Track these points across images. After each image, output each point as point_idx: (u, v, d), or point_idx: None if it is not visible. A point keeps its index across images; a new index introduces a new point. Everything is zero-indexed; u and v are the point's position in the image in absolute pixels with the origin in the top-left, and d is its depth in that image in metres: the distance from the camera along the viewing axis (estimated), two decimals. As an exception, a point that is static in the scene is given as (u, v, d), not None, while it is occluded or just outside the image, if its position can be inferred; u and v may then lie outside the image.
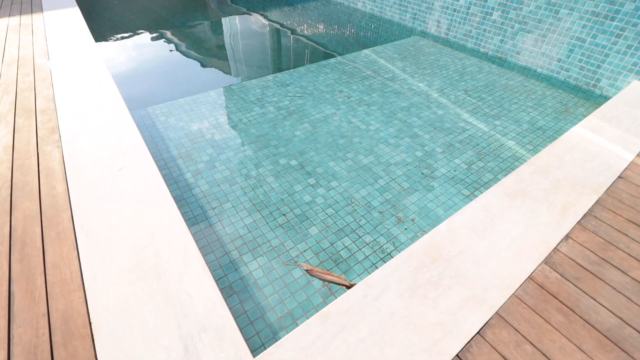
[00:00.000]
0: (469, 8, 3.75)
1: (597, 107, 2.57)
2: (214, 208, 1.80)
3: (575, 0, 2.94)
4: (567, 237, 1.44)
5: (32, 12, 3.87)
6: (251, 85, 3.01)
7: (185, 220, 1.39)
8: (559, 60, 3.20)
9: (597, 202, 1.62)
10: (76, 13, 3.80)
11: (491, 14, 3.57)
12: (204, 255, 1.31)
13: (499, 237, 1.41)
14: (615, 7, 2.74)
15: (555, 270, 1.30)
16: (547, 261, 1.33)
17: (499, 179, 2.02)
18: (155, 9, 5.38)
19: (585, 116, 2.57)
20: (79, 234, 1.33)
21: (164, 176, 1.64)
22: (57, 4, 4.15)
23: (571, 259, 1.35)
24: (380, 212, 1.81)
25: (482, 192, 1.87)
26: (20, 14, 3.81)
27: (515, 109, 2.77)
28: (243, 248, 1.60)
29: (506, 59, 3.61)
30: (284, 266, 1.53)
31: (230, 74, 3.53)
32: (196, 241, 1.31)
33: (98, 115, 2.02)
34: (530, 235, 1.43)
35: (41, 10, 3.93)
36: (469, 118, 2.63)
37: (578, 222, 1.51)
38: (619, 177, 1.77)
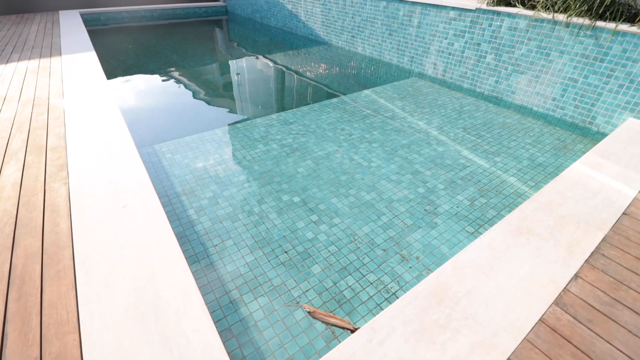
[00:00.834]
0: (463, 52, 3.95)
1: (595, 144, 2.62)
2: (216, 245, 1.78)
3: (564, 44, 3.10)
4: (576, 276, 1.40)
5: (51, 56, 4.11)
6: (256, 123, 3.11)
7: (186, 258, 1.38)
8: (554, 99, 3.31)
9: (603, 240, 1.59)
10: (92, 56, 4.03)
11: (485, 57, 3.75)
12: (203, 295, 1.28)
13: (506, 277, 1.38)
14: (604, 50, 2.88)
15: (566, 312, 1.26)
16: (557, 302, 1.29)
17: (503, 216, 2.01)
18: (167, 53, 5.71)
19: (584, 153, 2.61)
20: (78, 272, 1.32)
21: (167, 213, 1.65)
22: (75, 48, 4.42)
23: (582, 299, 1.31)
24: (384, 250, 1.78)
25: (486, 229, 1.86)
26: (40, 57, 4.05)
27: (514, 145, 2.82)
28: (244, 287, 1.57)
29: (502, 98, 3.74)
30: (285, 307, 1.49)
31: (236, 113, 3.65)
32: (196, 280, 1.29)
33: (107, 152, 2.07)
34: (538, 274, 1.40)
35: (60, 54, 4.18)
36: (469, 155, 2.67)
37: (586, 260, 1.48)
38: (623, 213, 1.76)
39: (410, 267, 1.69)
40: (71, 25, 6.00)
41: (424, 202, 2.14)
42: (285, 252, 1.75)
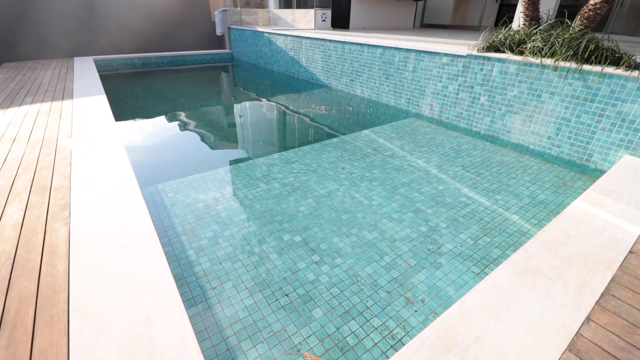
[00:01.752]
0: (457, 94, 4.12)
1: (594, 181, 2.64)
2: (214, 288, 1.73)
3: (554, 86, 3.24)
4: (588, 319, 1.35)
5: (63, 99, 4.29)
6: (258, 162, 3.17)
7: (183, 302, 1.34)
8: (549, 138, 3.40)
9: (612, 280, 1.55)
10: (102, 99, 4.21)
11: (479, 99, 3.91)
12: (200, 342, 1.22)
13: (515, 321, 1.32)
14: (592, 91, 3.01)
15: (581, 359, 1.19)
16: (571, 348, 1.23)
17: (508, 255, 1.97)
18: (174, 96, 5.96)
19: (584, 190, 2.62)
20: (72, 317, 1.27)
21: (166, 254, 1.63)
22: (86, 91, 4.63)
23: (597, 345, 1.25)
24: (388, 292, 1.73)
25: (492, 270, 1.82)
26: (52, 100, 4.23)
27: (514, 183, 2.85)
28: (242, 333, 1.50)
29: (498, 137, 3.83)
30: (286, 355, 1.41)
31: (239, 153, 3.73)
32: (193, 326, 1.24)
33: (110, 192, 2.09)
34: (548, 318, 1.34)
35: (72, 97, 4.37)
36: (470, 193, 2.68)
37: (597, 302, 1.43)
38: (630, 252, 1.73)
39: (416, 311, 1.63)
40: (84, 70, 6.33)
41: (427, 241, 2.11)
42: (286, 294, 1.70)
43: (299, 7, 9.91)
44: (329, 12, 8.58)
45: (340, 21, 8.98)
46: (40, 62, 7.38)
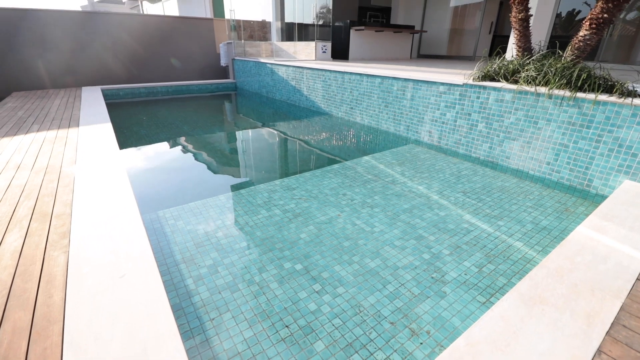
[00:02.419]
0: (455, 121, 4.20)
1: (595, 206, 2.63)
2: (213, 319, 1.69)
3: (550, 113, 3.31)
4: (599, 351, 1.30)
5: (69, 127, 4.38)
6: (259, 189, 3.18)
7: (180, 335, 1.30)
8: (548, 163, 3.42)
9: (622, 309, 1.51)
10: (108, 127, 4.29)
11: (476, 126, 3.98)
12: (197, 378, 1.17)
13: (525, 354, 1.27)
14: (588, 118, 3.06)
15: (598, 397, 1.13)
16: (585, 384, 1.17)
17: (514, 283, 1.93)
18: (178, 124, 6.09)
19: (586, 215, 2.60)
20: (66, 350, 1.23)
21: (164, 282, 1.60)
22: (92, 120, 4.73)
23: (613, 381, 1.19)
24: (392, 323, 1.68)
25: (498, 299, 1.78)
26: (59, 128, 4.32)
27: (516, 209, 2.83)
28: (241, 367, 1.44)
29: (497, 162, 3.86)
30: (286, 391, 1.35)
31: (241, 179, 3.76)
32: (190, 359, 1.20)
33: (110, 219, 2.09)
34: (558, 350, 1.29)
35: (78, 125, 4.46)
36: (472, 219, 2.67)
37: (607, 333, 1.38)
38: (637, 279, 1.69)
39: (421, 343, 1.57)
40: (92, 99, 6.52)
41: (430, 269, 2.08)
42: (287, 326, 1.65)
43: (300, 39, 10.35)
44: (329, 44, 8.95)
45: (340, 52, 9.34)
46: (49, 92, 7.61)
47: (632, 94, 2.91)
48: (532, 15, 4.15)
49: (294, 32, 10.51)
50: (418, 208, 2.82)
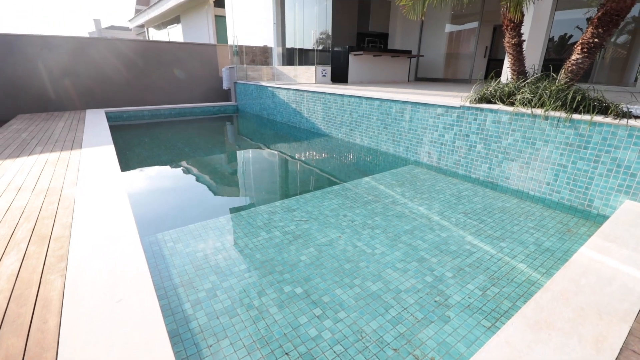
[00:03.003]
0: (454, 142, 4.25)
1: (597, 227, 2.61)
2: (210, 346, 1.64)
3: (547, 134, 3.35)
4: (612, 381, 1.25)
5: (72, 149, 4.43)
6: (259, 210, 3.17)
7: (178, 362, 1.26)
8: (548, 184, 3.43)
9: (630, 333, 1.47)
10: (110, 149, 4.33)
11: (475, 147, 4.02)
12: (193, 409, 1.13)
13: (533, 382, 1.23)
14: (585, 138, 3.10)
15: None
16: (598, 415, 1.12)
17: (519, 307, 1.89)
18: (180, 145, 6.16)
19: (589, 236, 2.58)
20: (57, 380, 1.19)
21: (162, 307, 1.57)
22: (95, 142, 4.79)
23: (626, 412, 1.14)
24: (395, 350, 1.63)
25: (503, 323, 1.73)
26: (61, 150, 4.36)
27: (518, 230, 2.82)
28: (239, 397, 1.39)
29: (497, 183, 3.87)
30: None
31: (241, 201, 3.76)
32: (187, 390, 1.16)
33: (109, 242, 2.07)
34: (568, 379, 1.25)
35: (80, 147, 4.51)
36: (474, 240, 2.64)
37: (616, 359, 1.34)
38: (646, 304, 1.65)
39: (425, 370, 1.52)
40: (95, 121, 6.62)
41: (433, 292, 2.04)
42: (286, 353, 1.60)
43: (300, 63, 10.65)
44: (328, 68, 9.19)
45: (340, 76, 9.58)
46: (53, 114, 7.74)
47: (627, 115, 2.96)
48: (524, 40, 4.29)
49: (295, 56, 10.83)
50: (419, 229, 2.81)
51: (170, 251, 2.45)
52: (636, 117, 2.95)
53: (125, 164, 4.71)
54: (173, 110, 9.34)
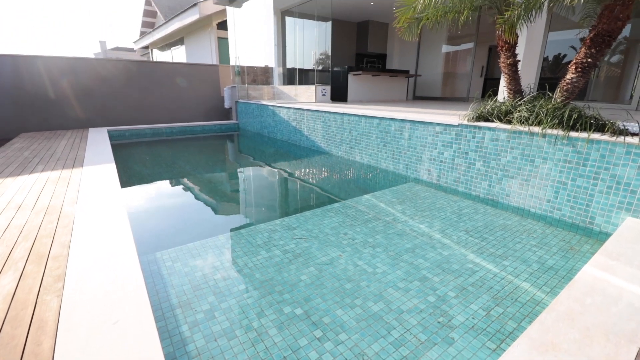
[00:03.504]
0: (453, 160, 4.28)
1: (600, 244, 2.59)
2: (209, 369, 1.59)
3: (545, 152, 3.38)
4: (623, 406, 1.21)
5: (73, 167, 4.45)
6: (259, 229, 3.16)
7: (174, 388, 1.22)
8: (549, 201, 3.42)
9: (639, 355, 1.43)
10: (111, 168, 4.35)
11: (474, 164, 4.04)
12: None
13: (542, 408, 1.19)
14: (583, 156, 3.12)
15: None
16: None
17: (524, 327, 1.85)
18: (181, 163, 6.19)
19: (592, 254, 2.55)
20: (49, 407, 1.15)
21: (159, 329, 1.54)
22: (97, 160, 4.82)
23: None
24: (397, 373, 1.58)
25: (508, 345, 1.69)
26: (63, 169, 4.38)
27: (520, 248, 2.79)
28: None
29: (498, 200, 3.87)
30: None
31: (241, 219, 3.74)
32: (183, 417, 1.11)
33: (107, 262, 2.05)
34: (578, 404, 1.20)
35: (82, 165, 4.53)
36: (476, 259, 2.61)
37: (629, 384, 1.30)
38: (654, 324, 1.62)
39: (430, 395, 1.47)
40: (97, 140, 6.68)
41: (436, 312, 2.00)
42: (286, 376, 1.55)
43: (301, 83, 10.86)
44: (328, 88, 9.36)
45: (339, 95, 9.75)
46: (56, 133, 7.83)
47: (623, 132, 3.00)
48: (519, 60, 4.39)
49: (295, 76, 11.05)
50: (421, 247, 2.78)
51: (169, 270, 2.42)
52: (633, 134, 2.98)
53: (126, 182, 4.72)
54: (175, 128, 9.45)
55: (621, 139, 2.89)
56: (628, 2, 3.29)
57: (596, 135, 3.04)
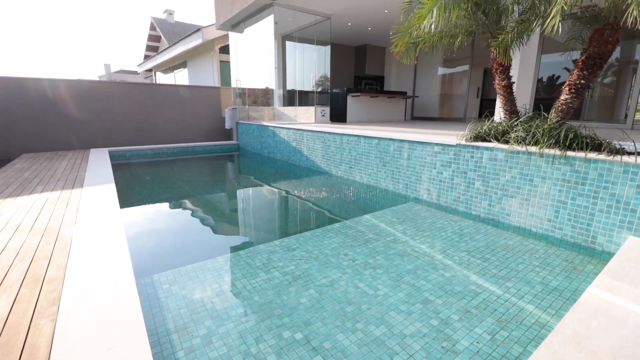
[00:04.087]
0: (452, 179, 4.29)
1: (604, 264, 2.56)
2: (205, 398, 1.53)
3: (543, 171, 3.39)
4: None
5: (73, 188, 4.45)
6: (259, 250, 3.12)
7: (169, 419, 1.17)
8: (549, 220, 3.41)
9: (653, 384, 1.38)
10: (111, 188, 4.36)
11: (473, 184, 4.05)
12: None
13: None
14: (582, 175, 3.13)
15: None
16: None
17: (530, 352, 1.80)
18: (181, 184, 6.20)
19: (596, 274, 2.52)
20: None
21: (154, 355, 1.49)
22: (97, 180, 4.82)
23: None
24: (401, 401, 1.52)
25: (514, 371, 1.63)
26: (62, 189, 4.38)
27: (523, 269, 2.75)
28: None
29: (499, 220, 3.85)
30: None
31: (240, 240, 3.71)
32: None
33: (104, 286, 2.01)
34: None
35: (82, 186, 4.54)
36: (479, 280, 2.57)
37: (643, 413, 1.25)
38: (663, 348, 1.57)
39: None
40: (98, 160, 6.72)
41: (440, 337, 1.94)
42: (285, 406, 1.49)
43: (300, 104, 11.06)
44: (327, 109, 9.52)
45: (338, 116, 9.90)
46: (57, 153, 7.88)
47: (620, 151, 3.03)
48: (514, 82, 4.50)
49: (295, 98, 11.27)
50: (422, 269, 2.74)
51: (166, 294, 2.37)
52: (629, 153, 3.01)
53: (125, 203, 4.71)
54: (175, 149, 9.53)
55: (618, 158, 2.91)
56: (616, 26, 3.41)
57: (593, 155, 3.06)
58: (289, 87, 11.47)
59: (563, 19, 3.19)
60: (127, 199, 5.00)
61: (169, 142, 10.01)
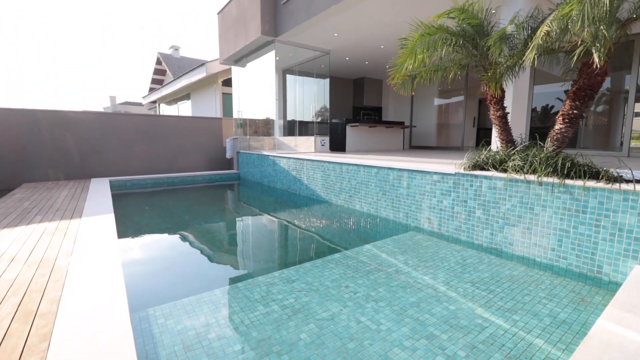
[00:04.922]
0: (453, 208, 4.28)
1: (612, 294, 2.49)
2: None
3: (543, 199, 3.39)
4: None
5: (71, 218, 4.42)
6: (257, 282, 3.05)
7: None
8: (553, 250, 3.36)
9: None
10: (110, 218, 4.33)
11: (474, 212, 4.04)
12: None
13: None
14: (582, 203, 3.13)
15: None
16: None
17: (542, 392, 1.70)
18: (180, 213, 6.17)
19: (604, 305, 2.44)
20: None
21: (147, 398, 1.41)
22: (96, 211, 4.80)
23: None
24: None
25: (527, 413, 1.54)
26: (61, 220, 4.35)
27: (530, 300, 2.67)
28: None
29: (501, 249, 3.80)
30: None
31: (238, 271, 3.63)
32: None
33: (96, 321, 1.95)
34: None
35: (80, 216, 4.51)
36: (485, 313, 2.49)
37: None
38: (682, 387, 1.50)
39: None
40: (98, 190, 6.73)
41: (445, 374, 1.85)
42: None
43: (300, 134, 11.27)
44: (327, 138, 9.69)
45: (338, 145, 10.06)
46: (58, 183, 7.91)
47: (618, 179, 3.04)
48: (508, 112, 4.62)
49: (295, 128, 11.51)
50: (426, 301, 2.66)
51: (160, 329, 2.29)
52: (628, 181, 3.02)
53: (124, 233, 4.66)
54: (176, 178, 9.58)
55: (617, 185, 2.93)
56: (604, 60, 3.55)
57: (592, 183, 3.08)
58: (289, 118, 11.75)
59: (549, 54, 3.33)
60: (125, 229, 4.95)
61: (170, 172, 10.08)
